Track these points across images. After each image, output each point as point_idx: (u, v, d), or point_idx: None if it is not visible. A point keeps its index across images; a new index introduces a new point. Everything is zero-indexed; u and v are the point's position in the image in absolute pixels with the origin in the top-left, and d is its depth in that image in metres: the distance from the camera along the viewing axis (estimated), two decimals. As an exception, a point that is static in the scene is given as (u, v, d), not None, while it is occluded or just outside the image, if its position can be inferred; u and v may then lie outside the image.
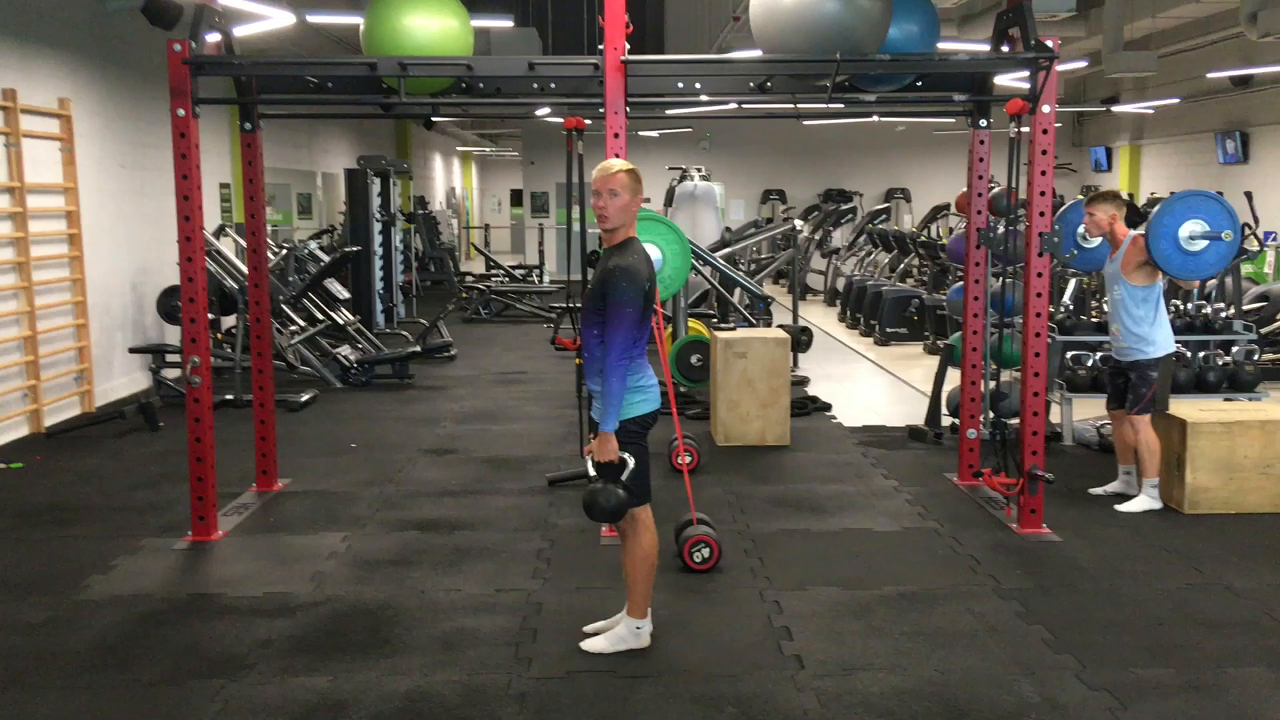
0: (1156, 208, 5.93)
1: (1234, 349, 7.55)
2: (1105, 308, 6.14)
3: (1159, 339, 5.86)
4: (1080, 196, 7.18)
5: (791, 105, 6.24)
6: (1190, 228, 5.77)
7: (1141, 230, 5.91)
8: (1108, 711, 3.61)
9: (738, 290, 10.46)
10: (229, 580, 4.91)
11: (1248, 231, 11.99)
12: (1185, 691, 3.76)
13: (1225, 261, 5.92)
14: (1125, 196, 15.31)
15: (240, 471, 6.49)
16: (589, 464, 3.95)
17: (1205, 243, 5.78)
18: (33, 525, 5.73)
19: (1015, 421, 5.84)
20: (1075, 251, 6.33)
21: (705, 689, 3.79)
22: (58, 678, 3.91)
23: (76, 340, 8.60)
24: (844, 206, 17.91)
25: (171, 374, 9.04)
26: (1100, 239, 6.13)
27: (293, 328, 10.25)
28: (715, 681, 3.84)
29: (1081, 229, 6.23)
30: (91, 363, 8.74)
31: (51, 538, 5.53)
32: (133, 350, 9.41)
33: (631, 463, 3.92)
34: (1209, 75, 14.97)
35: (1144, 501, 5.87)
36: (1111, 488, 6.15)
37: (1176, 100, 16.41)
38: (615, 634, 4.11)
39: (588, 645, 4.12)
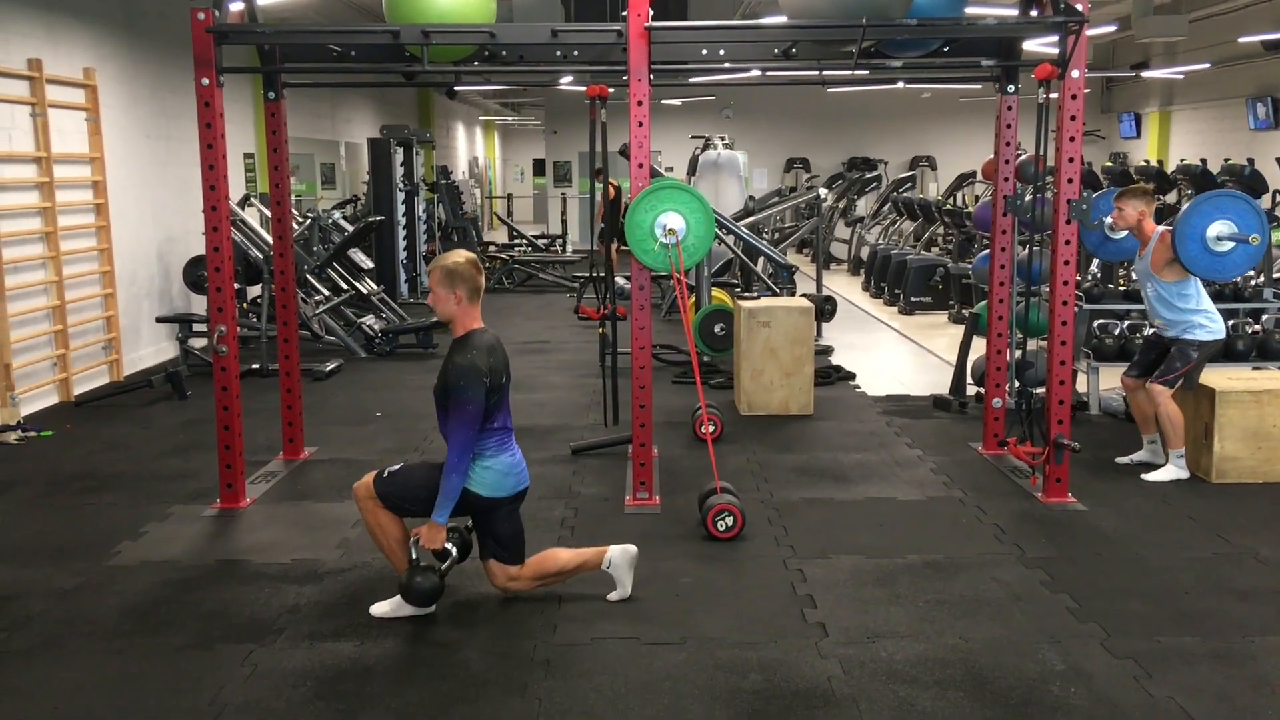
0: (1184, 208, 5.85)
1: (1264, 317, 7.48)
2: (1145, 306, 6.07)
3: (1208, 323, 5.79)
4: (1105, 177, 7.08)
5: (816, 72, 6.19)
6: (1218, 228, 5.70)
7: (1169, 227, 5.85)
8: (1133, 680, 3.60)
9: (761, 259, 10.42)
10: (257, 547, 4.96)
11: (1278, 199, 11.85)
12: (1211, 660, 3.74)
13: (1253, 262, 5.84)
14: (1154, 163, 15.12)
15: (267, 440, 6.55)
16: (412, 547, 4.04)
17: (1233, 244, 5.71)
18: (63, 492, 5.80)
19: (1041, 390, 5.80)
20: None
21: (729, 656, 3.80)
22: (89, 642, 3.96)
23: (104, 310, 8.66)
24: (868, 174, 17.80)
25: (198, 343, 9.10)
26: (1126, 232, 6.07)
27: (317, 297, 10.29)
28: (739, 649, 3.86)
29: (1109, 219, 6.19)
30: (119, 332, 8.81)
31: (82, 505, 5.59)
32: (160, 320, 9.47)
33: (454, 553, 4.08)
34: (1240, 39, 14.73)
35: (1171, 471, 5.83)
36: (1138, 456, 6.12)
37: (1207, 65, 16.15)
38: (397, 600, 4.14)
39: (375, 609, 4.14)
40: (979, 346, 7.03)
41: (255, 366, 8.67)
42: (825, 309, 9.86)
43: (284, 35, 5.76)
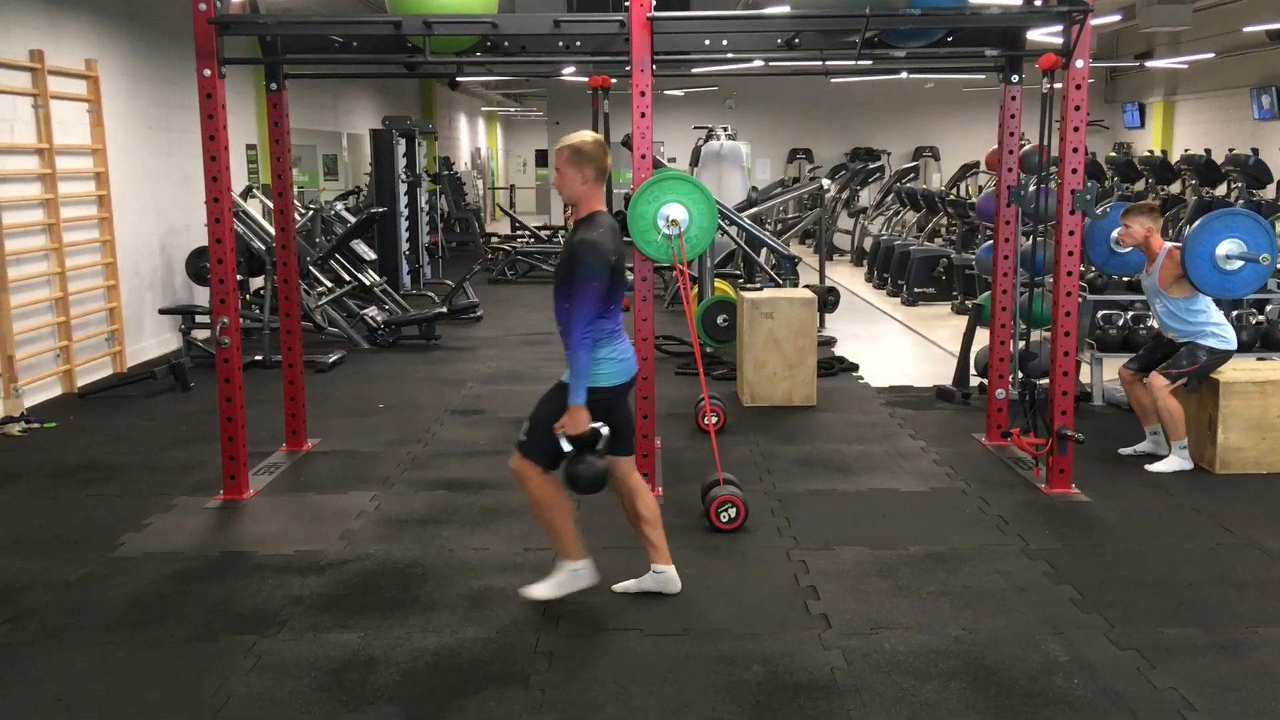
0: (1193, 226, 5.83)
1: (1268, 308, 7.46)
2: (1154, 321, 6.08)
3: (1221, 333, 5.80)
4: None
5: (819, 62, 6.17)
6: (1227, 247, 5.68)
7: (1178, 244, 5.84)
8: (1136, 671, 3.60)
9: (764, 250, 10.40)
10: (260, 538, 4.96)
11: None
12: (1215, 651, 3.74)
13: (1262, 281, 5.83)
14: (1158, 154, 15.09)
15: (270, 431, 6.55)
16: (561, 439, 3.94)
17: (1242, 263, 5.69)
18: (67, 484, 5.81)
19: (1044, 382, 5.80)
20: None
21: (732, 647, 3.80)
22: (93, 633, 3.97)
23: (107, 301, 8.66)
24: (871, 165, 17.73)
25: (201, 335, 9.10)
26: (1132, 247, 6.08)
27: (320, 289, 10.29)
28: (742, 640, 3.86)
29: (1115, 235, 6.18)
30: (122, 324, 8.81)
31: (85, 496, 5.60)
32: (162, 311, 9.47)
33: (605, 431, 3.95)
34: (1245, 29, 14.67)
35: (1174, 462, 5.83)
36: (1141, 447, 6.11)
37: (1211, 55, 16.10)
38: (559, 580, 4.13)
39: (532, 591, 4.14)
40: (982, 337, 7.02)
41: (258, 358, 8.68)
42: (828, 300, 9.84)
43: (286, 26, 5.74)
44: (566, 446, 3.93)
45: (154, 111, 9.54)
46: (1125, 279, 7.67)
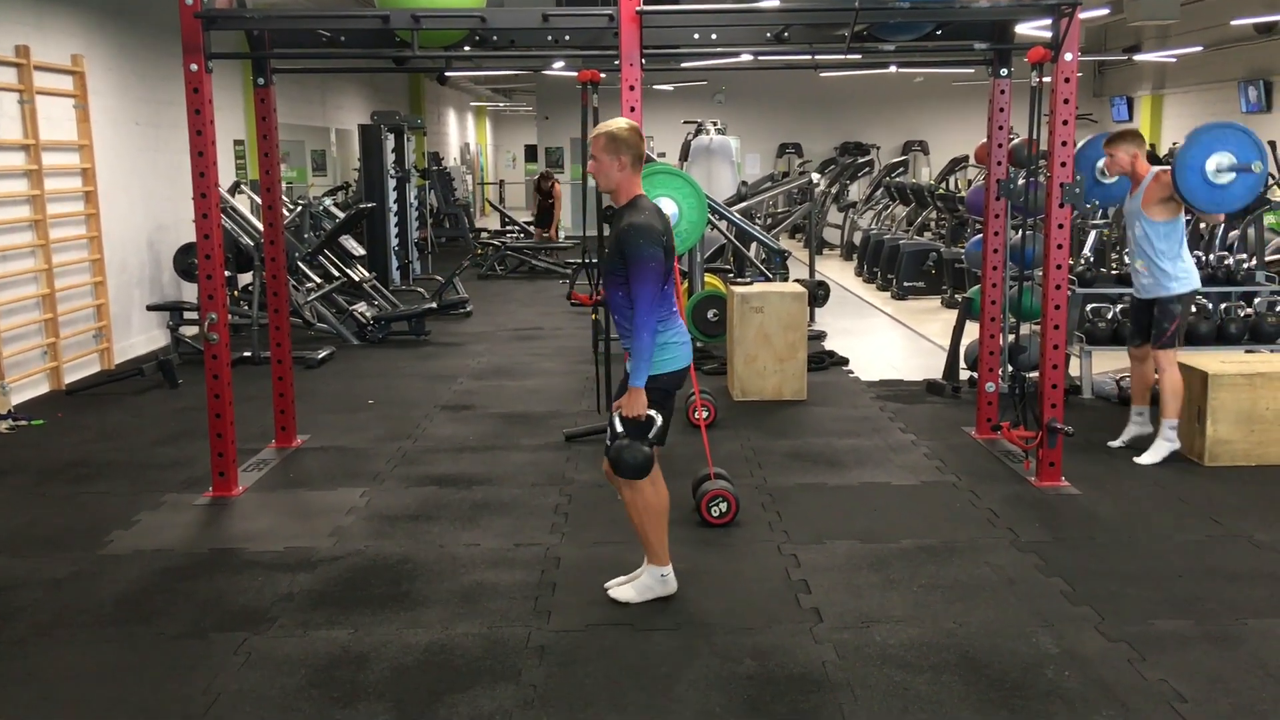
0: (1183, 140, 5.83)
1: (1256, 300, 7.48)
2: (1126, 259, 6.08)
3: (1183, 274, 5.81)
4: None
5: (809, 56, 6.17)
6: (1217, 160, 5.67)
7: (1165, 166, 5.83)
8: (1127, 663, 3.61)
9: (754, 245, 10.41)
10: (250, 535, 4.94)
11: (1271, 181, 11.85)
12: (1205, 643, 3.75)
13: (1254, 193, 5.81)
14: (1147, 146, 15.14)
15: (259, 428, 6.53)
16: (615, 419, 3.93)
17: (1233, 175, 5.67)
18: (55, 481, 5.78)
19: (1034, 375, 5.81)
20: (1096, 203, 6.26)
21: (724, 641, 3.80)
22: (82, 631, 3.95)
23: (95, 298, 8.62)
24: (861, 159, 17.76)
25: (189, 331, 9.07)
26: (1118, 177, 6.06)
27: (309, 285, 10.26)
28: (734, 634, 3.86)
29: (1100, 165, 6.16)
30: (110, 320, 8.78)
31: (74, 494, 5.58)
32: (150, 308, 9.43)
33: (659, 420, 3.93)
34: (1232, 22, 14.72)
35: (1162, 445, 5.83)
36: (1127, 434, 6.12)
37: (1199, 48, 16.14)
38: (641, 583, 4.14)
39: (616, 593, 4.15)
40: (972, 331, 7.03)
41: (247, 354, 8.65)
42: (818, 294, 9.86)
43: (273, 20, 5.72)
44: (619, 427, 3.92)
45: (141, 107, 9.50)
46: (1114, 273, 7.69)
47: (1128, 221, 6.03)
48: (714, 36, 5.78)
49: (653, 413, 3.91)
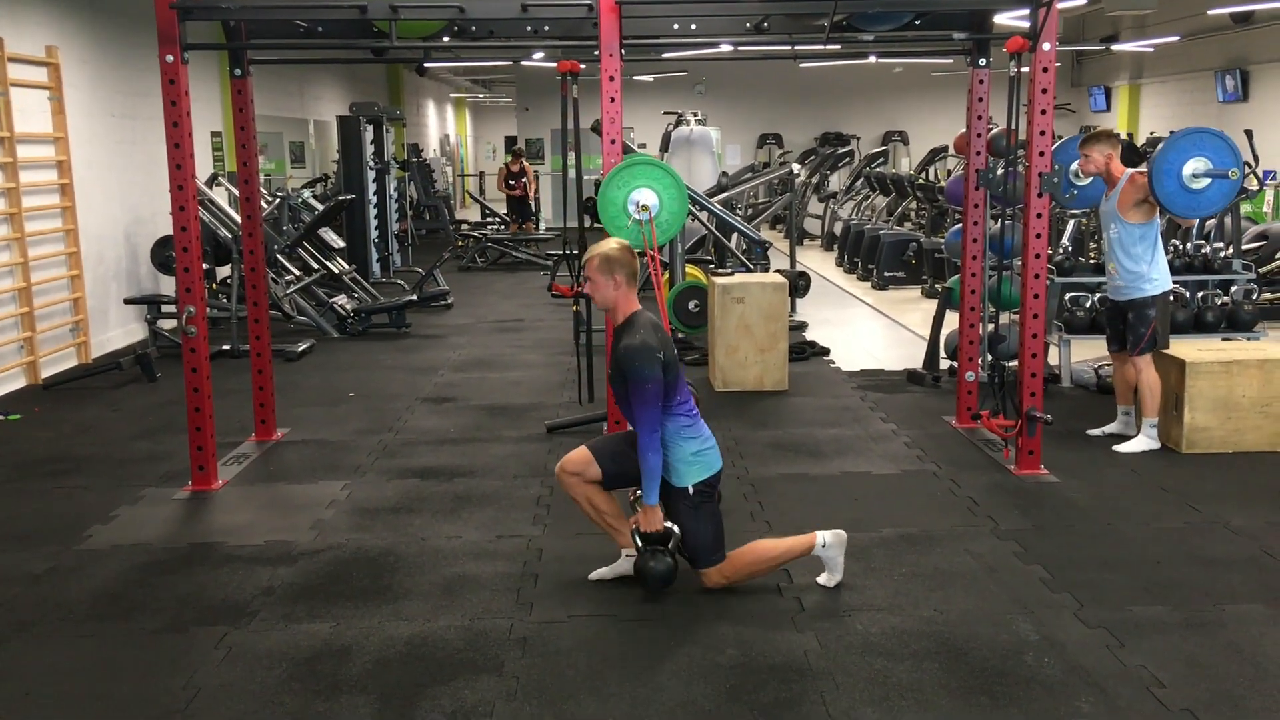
0: (1160, 145, 5.86)
1: (1233, 288, 7.53)
2: (1103, 249, 6.11)
3: (1156, 277, 5.84)
4: (1079, 133, 7.10)
5: (788, 47, 6.16)
6: (1194, 165, 5.70)
7: (1141, 169, 5.85)
8: (1106, 649, 3.63)
9: (735, 235, 10.40)
10: (230, 529, 4.92)
11: (1248, 170, 11.92)
12: (1183, 629, 3.78)
13: (1228, 199, 5.86)
14: (1124, 136, 15.16)
15: (239, 421, 6.49)
16: (634, 535, 4.03)
17: (1208, 180, 5.70)
18: (32, 476, 5.74)
19: (1013, 364, 5.83)
20: (1075, 193, 6.29)
21: (706, 631, 3.81)
22: (61, 626, 3.93)
23: (71, 291, 8.56)
24: (841, 150, 17.78)
25: (167, 324, 9.01)
26: (1093, 178, 6.08)
27: (288, 277, 10.21)
28: (715, 624, 3.87)
29: (1075, 167, 6.18)
30: (87, 314, 8.71)
31: (52, 489, 5.54)
32: (128, 301, 9.37)
33: (677, 531, 4.01)
34: (1209, 12, 14.79)
35: (1142, 442, 5.88)
36: (1110, 428, 6.16)
37: (1176, 38, 16.22)
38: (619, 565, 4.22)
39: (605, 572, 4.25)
40: (952, 321, 7.06)
41: (226, 347, 8.60)
42: (799, 285, 9.85)
43: (249, 10, 5.66)
44: (639, 543, 4.02)
45: (117, 99, 9.42)
46: (1093, 262, 7.73)
47: (1103, 223, 6.05)
48: (693, 27, 5.77)
49: (670, 524, 4.01)
